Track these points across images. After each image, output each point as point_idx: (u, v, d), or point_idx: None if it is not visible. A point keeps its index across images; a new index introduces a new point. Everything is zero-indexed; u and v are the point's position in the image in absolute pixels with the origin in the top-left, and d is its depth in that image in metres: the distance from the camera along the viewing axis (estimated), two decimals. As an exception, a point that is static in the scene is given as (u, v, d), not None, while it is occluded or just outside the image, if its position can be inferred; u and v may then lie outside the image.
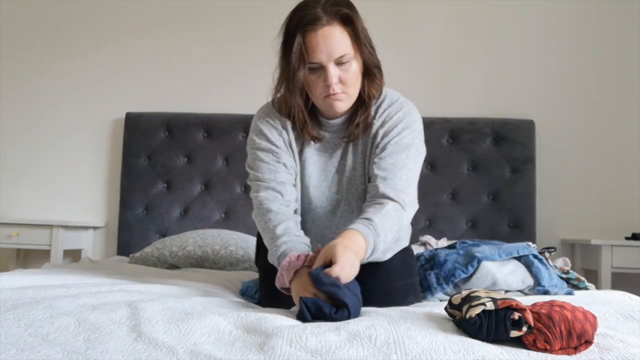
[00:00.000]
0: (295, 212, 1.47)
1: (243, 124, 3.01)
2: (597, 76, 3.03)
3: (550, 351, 0.89)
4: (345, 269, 1.14)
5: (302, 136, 1.47)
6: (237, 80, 3.14)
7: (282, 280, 1.26)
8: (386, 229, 1.29)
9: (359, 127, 1.44)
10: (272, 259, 1.36)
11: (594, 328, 0.94)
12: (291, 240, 1.33)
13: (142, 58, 3.21)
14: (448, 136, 2.96)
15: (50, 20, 3.26)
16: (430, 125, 2.76)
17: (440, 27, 3.12)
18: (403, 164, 1.40)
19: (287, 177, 1.46)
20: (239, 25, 3.17)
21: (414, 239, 1.93)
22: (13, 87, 3.25)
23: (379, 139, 1.43)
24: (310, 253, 1.27)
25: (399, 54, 3.06)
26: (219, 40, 3.18)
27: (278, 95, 1.45)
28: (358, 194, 1.48)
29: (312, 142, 1.48)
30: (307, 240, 1.38)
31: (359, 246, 1.22)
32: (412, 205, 1.40)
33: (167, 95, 3.18)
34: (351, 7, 1.36)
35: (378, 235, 1.26)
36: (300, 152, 1.49)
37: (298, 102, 1.40)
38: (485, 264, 1.67)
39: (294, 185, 1.49)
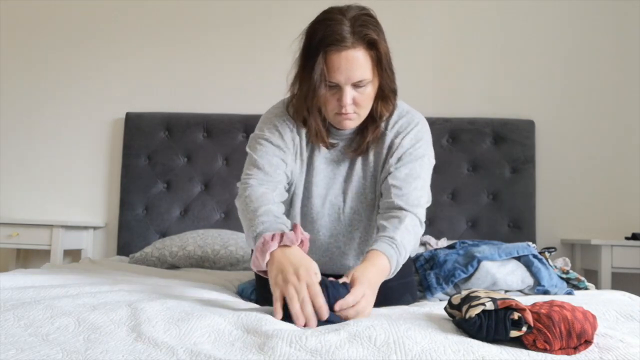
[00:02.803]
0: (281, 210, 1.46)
1: (243, 124, 3.02)
2: (597, 76, 3.03)
3: (550, 351, 0.89)
4: (361, 304, 1.14)
5: (314, 142, 1.47)
6: (237, 80, 3.14)
7: (257, 262, 1.23)
8: (405, 245, 1.32)
9: (368, 143, 1.47)
10: (248, 240, 1.33)
11: (594, 328, 0.94)
12: (269, 221, 1.29)
13: (142, 58, 3.21)
14: (448, 136, 2.96)
15: (51, 20, 3.27)
16: (431, 125, 2.69)
17: (440, 27, 3.12)
18: (417, 173, 1.44)
19: (284, 179, 1.46)
20: (239, 26, 3.17)
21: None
22: (13, 87, 3.25)
23: (394, 148, 1.46)
24: (286, 232, 1.23)
25: (398, 53, 3.03)
26: (219, 40, 3.18)
27: (293, 100, 1.45)
28: (367, 202, 1.50)
29: (321, 150, 1.49)
30: (287, 222, 1.34)
31: (382, 268, 1.26)
32: (424, 209, 1.45)
33: (167, 95, 3.18)
34: (378, 29, 1.35)
35: (400, 254, 1.30)
36: (310, 159, 1.50)
37: (315, 117, 1.42)
38: (484, 264, 1.67)
39: (288, 192, 1.50)
